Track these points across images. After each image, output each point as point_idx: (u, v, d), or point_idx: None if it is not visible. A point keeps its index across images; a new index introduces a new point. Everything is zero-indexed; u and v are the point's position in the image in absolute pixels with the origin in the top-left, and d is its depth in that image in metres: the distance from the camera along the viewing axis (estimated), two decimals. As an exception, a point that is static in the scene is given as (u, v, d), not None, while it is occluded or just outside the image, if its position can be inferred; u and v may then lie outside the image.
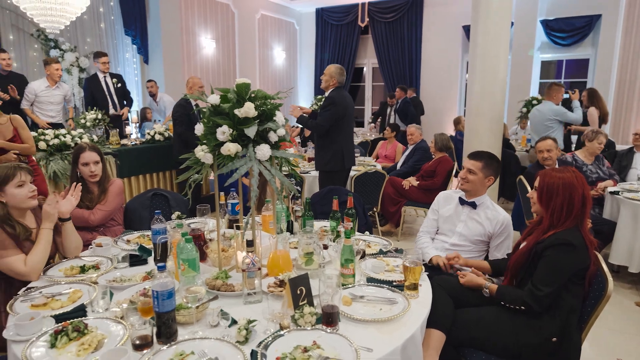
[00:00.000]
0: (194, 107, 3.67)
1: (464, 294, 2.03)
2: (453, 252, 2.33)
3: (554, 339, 1.81)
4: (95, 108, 5.25)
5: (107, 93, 5.59)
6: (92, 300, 1.64)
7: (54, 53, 6.86)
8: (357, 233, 2.47)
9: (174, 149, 5.14)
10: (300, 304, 1.53)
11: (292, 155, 1.84)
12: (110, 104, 5.63)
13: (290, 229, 2.40)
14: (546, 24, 8.44)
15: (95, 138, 4.79)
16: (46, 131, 4.31)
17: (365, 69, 10.97)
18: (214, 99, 1.73)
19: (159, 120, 6.98)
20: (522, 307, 1.83)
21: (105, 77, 5.61)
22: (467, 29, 8.50)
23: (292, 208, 2.43)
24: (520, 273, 1.94)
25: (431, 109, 9.63)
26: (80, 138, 4.49)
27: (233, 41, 9.43)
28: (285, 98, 1.79)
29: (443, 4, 9.38)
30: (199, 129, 1.73)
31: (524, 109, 7.15)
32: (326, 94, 4.14)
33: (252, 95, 1.75)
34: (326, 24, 10.83)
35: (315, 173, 4.38)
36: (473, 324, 1.89)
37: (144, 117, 7.26)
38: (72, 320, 1.47)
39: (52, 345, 1.38)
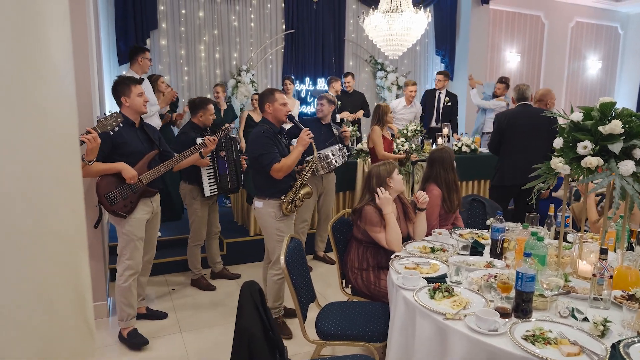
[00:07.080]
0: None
1: None
2: None
3: None
4: (416, 121, 6.05)
5: (435, 107, 6.31)
6: (450, 273, 2.09)
7: (380, 74, 8.30)
8: None
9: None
10: (661, 320, 1.55)
11: (658, 173, 1.82)
12: (434, 117, 6.34)
13: (631, 250, 2.31)
14: None
15: (413, 146, 5.60)
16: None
17: None
18: (577, 116, 1.90)
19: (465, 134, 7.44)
20: None
21: (440, 93, 6.34)
22: None
23: (637, 231, 2.32)
24: None
25: None
26: (403, 145, 5.38)
27: (540, 53, 9.09)
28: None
29: None
30: (558, 142, 1.94)
31: None
32: None
33: (616, 113, 1.84)
34: (665, 25, 9.04)
35: None
36: None
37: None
38: (441, 283, 1.94)
39: (431, 297, 1.87)
